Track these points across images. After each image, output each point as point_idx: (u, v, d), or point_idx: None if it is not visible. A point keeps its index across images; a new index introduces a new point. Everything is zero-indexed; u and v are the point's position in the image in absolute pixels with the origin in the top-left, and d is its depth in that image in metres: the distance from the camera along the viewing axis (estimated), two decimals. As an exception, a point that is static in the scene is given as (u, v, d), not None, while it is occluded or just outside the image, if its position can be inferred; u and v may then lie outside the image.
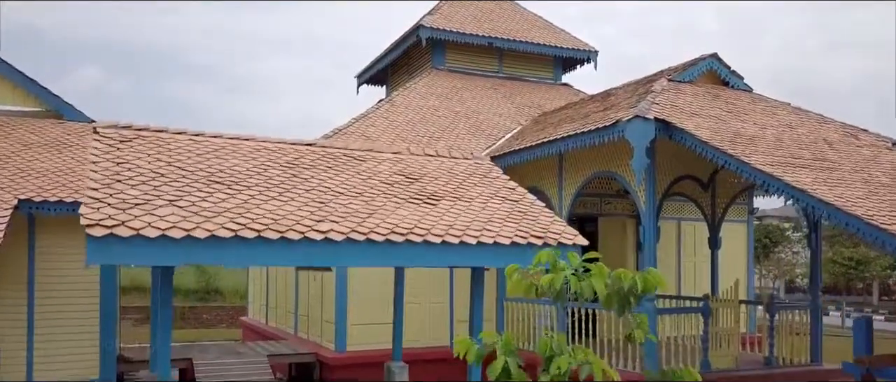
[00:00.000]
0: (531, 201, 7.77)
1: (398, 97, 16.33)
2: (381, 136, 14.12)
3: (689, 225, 16.68)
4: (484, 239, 6.50)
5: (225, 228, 5.63)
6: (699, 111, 10.75)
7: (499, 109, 17.06)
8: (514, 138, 14.74)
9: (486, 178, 8.37)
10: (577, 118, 12.57)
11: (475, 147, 14.66)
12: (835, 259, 48.82)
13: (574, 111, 13.86)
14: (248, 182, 6.65)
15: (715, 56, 12.32)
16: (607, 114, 11.17)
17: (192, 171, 6.63)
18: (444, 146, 14.37)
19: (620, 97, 12.54)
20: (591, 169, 11.90)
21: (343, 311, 12.92)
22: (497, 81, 18.85)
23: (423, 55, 19.15)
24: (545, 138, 12.06)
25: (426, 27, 17.77)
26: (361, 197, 6.91)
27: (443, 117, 15.84)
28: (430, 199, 7.22)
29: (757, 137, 10.21)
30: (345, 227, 6.08)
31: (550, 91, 19.21)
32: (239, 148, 7.60)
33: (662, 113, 10.20)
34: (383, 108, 15.58)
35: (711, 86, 12.22)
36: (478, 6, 19.86)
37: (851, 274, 49.11)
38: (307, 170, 7.36)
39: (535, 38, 19.01)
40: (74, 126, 12.06)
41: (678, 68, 12.46)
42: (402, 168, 8.09)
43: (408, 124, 15.07)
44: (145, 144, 7.13)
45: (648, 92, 11.16)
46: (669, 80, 11.91)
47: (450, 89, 17.49)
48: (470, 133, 15.37)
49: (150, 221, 5.48)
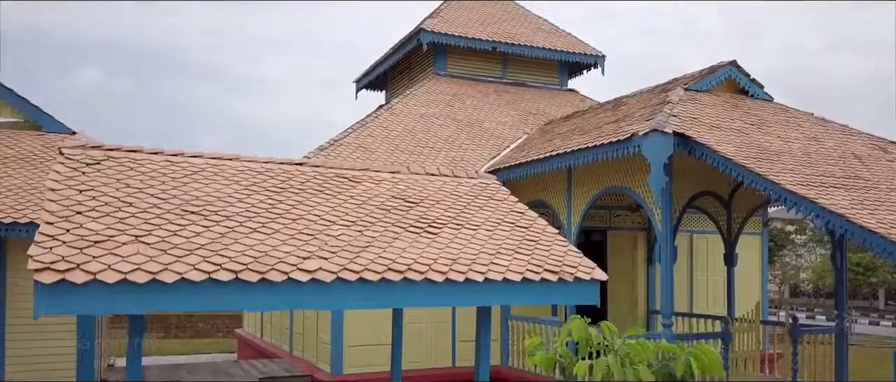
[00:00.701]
0: (543, 227, 7.06)
1: (398, 104, 15.62)
2: (379, 147, 13.41)
3: (701, 238, 15.97)
4: (492, 275, 5.80)
5: (197, 269, 4.93)
6: (720, 123, 10.04)
7: (502, 117, 16.34)
8: (519, 149, 14.03)
9: (492, 201, 7.67)
10: (587, 129, 11.85)
11: (478, 158, 13.94)
12: (841, 264, 48.06)
13: (583, 121, 13.14)
14: (227, 210, 5.95)
15: (733, 63, 11.61)
16: (621, 126, 10.46)
17: (165, 199, 5.93)
18: (446, 158, 13.67)
19: (633, 107, 11.82)
20: (603, 184, 11.19)
21: (339, 331, 12.20)
22: (500, 87, 18.14)
23: (423, 60, 18.44)
24: (553, 151, 11.34)
25: (427, 31, 17.05)
26: (355, 227, 6.21)
27: (444, 126, 15.13)
28: (431, 228, 6.52)
29: (783, 152, 9.50)
30: (335, 264, 5.38)
31: (556, 97, 18.50)
32: (221, 169, 6.89)
33: (681, 126, 9.49)
34: (382, 117, 14.87)
35: (730, 96, 11.51)
36: (481, 9, 19.15)
37: (858, 279, 48.36)
38: (295, 194, 6.66)
39: (540, 43, 18.29)
40: (54, 138, 11.36)
41: (695, 76, 11.75)
42: (400, 190, 7.38)
43: (407, 134, 14.36)
44: (116, 167, 6.44)
45: (664, 102, 10.45)
46: (686, 90, 11.20)
47: (451, 96, 16.78)
48: (473, 143, 14.66)
49: (111, 263, 4.77)
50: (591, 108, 14.63)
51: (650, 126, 9.29)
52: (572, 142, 11.26)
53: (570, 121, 14.27)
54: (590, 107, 14.98)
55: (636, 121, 10.22)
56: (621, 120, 11.06)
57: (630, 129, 9.80)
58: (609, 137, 10.05)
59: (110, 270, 4.73)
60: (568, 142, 11.63)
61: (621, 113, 11.84)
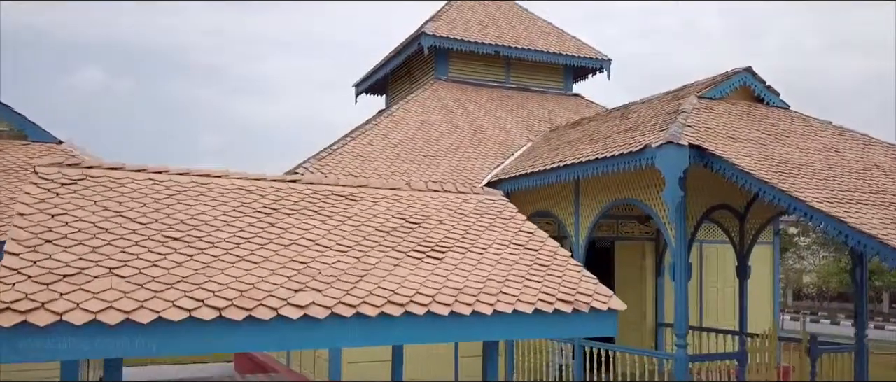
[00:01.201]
0: (554, 249, 6.59)
1: (398, 111, 15.14)
2: (379, 156, 12.93)
3: (711, 247, 15.50)
4: (501, 308, 5.33)
5: (176, 306, 4.45)
6: (737, 134, 9.55)
7: (506, 123, 15.86)
8: (524, 157, 13.54)
9: (499, 219, 7.20)
10: (596, 138, 11.37)
11: (482, 167, 13.46)
12: (846, 268, 47.64)
13: (591, 128, 12.66)
14: (213, 236, 5.47)
15: (749, 70, 11.13)
16: (632, 136, 9.97)
17: (145, 224, 5.45)
18: (448, 167, 13.19)
19: (644, 115, 11.34)
20: (612, 196, 10.71)
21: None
22: (504, 92, 17.65)
23: (424, 64, 17.97)
24: (561, 162, 10.86)
25: (428, 35, 16.57)
26: (352, 252, 5.74)
27: (446, 133, 14.65)
28: (434, 251, 6.05)
29: (804, 165, 9.01)
30: (329, 297, 4.90)
31: (561, 102, 18.02)
32: (208, 188, 6.42)
33: (697, 137, 9.01)
34: (382, 124, 14.39)
35: (746, 104, 11.02)
36: (483, 11, 18.68)
37: (864, 283, 47.83)
38: (288, 216, 6.19)
39: (544, 46, 17.81)
40: (39, 148, 10.88)
41: (708, 83, 11.26)
42: (401, 209, 6.91)
43: (408, 142, 13.87)
44: (94, 187, 5.96)
45: (678, 111, 9.96)
46: (699, 97, 10.71)
47: (453, 102, 16.30)
48: (476, 151, 14.17)
49: (80, 300, 4.30)
50: (598, 115, 14.15)
51: (664, 137, 8.80)
52: (581, 152, 10.77)
53: (577, 128, 13.78)
54: (597, 113, 14.49)
55: (649, 132, 9.73)
56: (632, 129, 10.58)
57: (642, 140, 9.31)
58: (620, 148, 9.56)
59: (79, 309, 4.25)
60: (576, 151, 11.15)
61: (631, 121, 11.36)
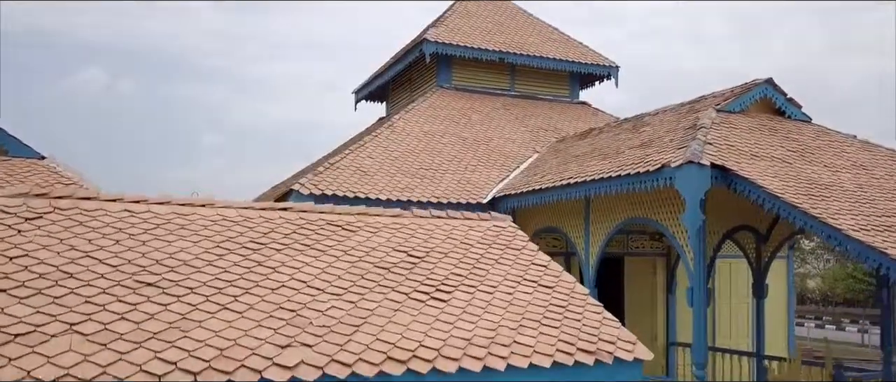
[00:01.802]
0: (570, 286, 6.01)
1: (399, 121, 14.55)
2: (379, 170, 12.34)
3: (723, 262, 14.85)
4: (516, 361, 4.74)
5: (145, 371, 3.87)
6: (760, 151, 8.96)
7: (511, 134, 15.27)
8: (530, 170, 12.96)
9: (509, 250, 6.62)
10: (607, 153, 10.78)
11: (486, 180, 12.87)
12: (854, 274, 47.03)
13: (601, 141, 12.07)
14: (192, 279, 4.89)
15: (770, 82, 10.54)
16: (648, 153, 9.38)
17: (116, 265, 4.88)
18: (452, 180, 12.60)
19: (658, 128, 10.76)
20: (626, 214, 10.13)
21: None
22: (508, 100, 17.07)
23: (426, 71, 17.38)
24: (570, 179, 10.27)
25: (431, 41, 15.98)
26: (348, 295, 5.16)
27: (449, 145, 14.06)
28: (440, 291, 5.47)
29: (833, 185, 8.42)
30: (320, 355, 4.32)
31: (567, 110, 17.43)
32: (190, 220, 5.83)
33: (719, 155, 8.42)
34: (382, 135, 13.80)
35: (767, 117, 10.43)
36: (487, 17, 18.09)
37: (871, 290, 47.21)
38: (278, 252, 5.60)
39: (550, 53, 17.22)
40: (18, 164, 10.28)
41: (726, 95, 10.67)
42: (402, 240, 6.32)
43: (410, 154, 13.28)
44: (62, 222, 5.38)
45: (696, 127, 9.37)
46: (718, 111, 10.12)
47: (456, 111, 15.71)
48: (480, 163, 13.58)
49: (32, 367, 3.72)
50: (608, 126, 13.56)
51: (685, 156, 8.21)
52: (592, 169, 10.19)
53: (586, 139, 13.20)
54: (607, 124, 13.90)
55: (666, 149, 9.14)
56: (647, 144, 9.99)
57: (660, 159, 8.72)
58: (635, 167, 8.97)
59: (29, 379, 3.66)
60: (587, 167, 10.56)
61: (645, 135, 10.77)
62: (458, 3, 18.37)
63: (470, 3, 18.45)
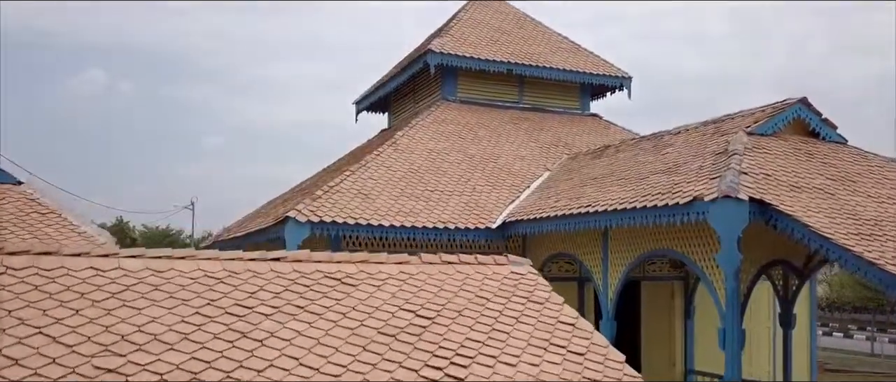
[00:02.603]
0: (604, 352, 5.24)
1: (403, 138, 13.78)
2: (382, 193, 11.57)
3: (745, 285, 14.12)
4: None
5: None
6: (799, 181, 8.19)
7: (520, 150, 14.50)
8: (542, 192, 12.18)
9: (530, 304, 5.86)
10: (628, 177, 10.01)
11: (495, 203, 12.09)
12: (863, 282, 46.17)
13: (619, 162, 11.30)
14: (162, 362, 4.13)
15: (803, 102, 9.76)
16: (675, 182, 8.60)
17: (72, 346, 4.12)
18: (459, 203, 11.83)
19: (683, 150, 10.00)
20: (649, 246, 9.36)
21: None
22: (516, 114, 16.30)
23: (431, 83, 16.61)
24: (589, 206, 9.50)
25: (435, 52, 15.21)
26: (348, 374, 4.40)
27: (455, 164, 13.28)
28: (454, 365, 4.71)
29: (881, 220, 7.64)
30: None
31: (578, 123, 16.66)
32: (166, 279, 5.07)
33: (756, 187, 7.65)
34: (385, 153, 13.03)
35: (800, 140, 9.66)
36: (494, 26, 17.32)
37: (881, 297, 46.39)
38: (266, 318, 4.85)
39: (560, 64, 16.45)
40: (-7, 192, 9.53)
41: (756, 115, 9.90)
42: (410, 295, 5.57)
43: (414, 174, 12.51)
44: (14, 285, 4.63)
45: (727, 153, 8.59)
46: (749, 133, 9.35)
47: (463, 126, 14.94)
48: (488, 183, 12.81)
49: None
50: (624, 143, 12.79)
51: (719, 189, 7.44)
52: (611, 197, 9.41)
53: (602, 158, 12.43)
54: (623, 141, 13.12)
55: (696, 177, 8.36)
56: (673, 170, 9.21)
57: (690, 190, 7.95)
58: (663, 197, 8.20)
59: None
60: (605, 193, 9.79)
61: (669, 158, 10.00)
62: (463, 11, 17.60)
63: (476, 11, 17.69)
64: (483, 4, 18.14)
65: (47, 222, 8.99)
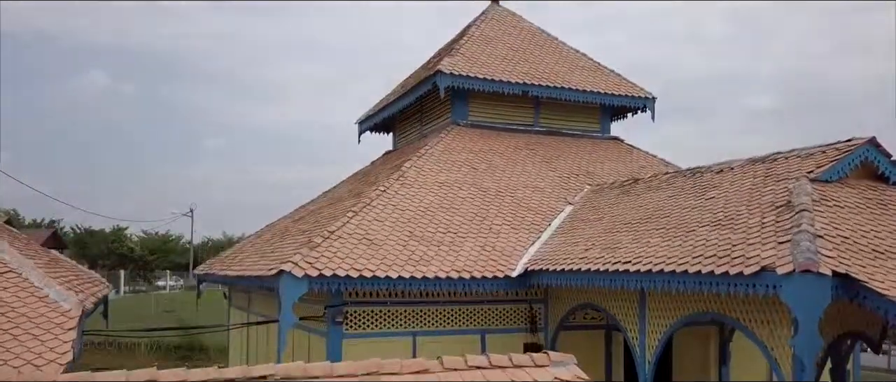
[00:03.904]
0: None
1: (411, 170, 12.57)
2: (388, 238, 10.36)
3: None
4: None
5: None
6: (881, 244, 6.97)
7: (538, 180, 13.28)
8: (568, 234, 10.97)
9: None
10: (670, 228, 8.80)
11: (514, 246, 10.87)
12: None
13: (654, 202, 10.09)
14: None
15: (872, 142, 8.56)
16: (732, 242, 7.37)
17: None
18: (473, 248, 10.62)
19: (731, 195, 8.79)
20: (697, 308, 8.15)
21: None
22: (531, 138, 15.10)
23: (440, 105, 15.41)
24: (627, 264, 8.30)
25: (445, 73, 14.02)
26: None
27: (469, 199, 12.07)
28: None
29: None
30: None
31: (598, 148, 15.46)
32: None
33: (837, 256, 6.44)
34: (392, 188, 11.82)
35: (868, 185, 8.45)
36: (507, 43, 16.13)
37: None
38: None
39: (579, 84, 15.25)
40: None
41: (818, 159, 8.70)
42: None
43: (424, 213, 11.30)
44: None
45: (794, 208, 7.37)
46: (812, 180, 8.14)
47: (475, 154, 13.73)
48: (505, 221, 11.59)
49: None
50: (656, 178, 11.59)
51: (796, 260, 6.23)
52: (653, 252, 8.20)
53: (631, 196, 11.23)
54: (654, 175, 11.91)
55: (758, 238, 7.15)
56: (724, 223, 8.00)
57: (755, 256, 6.74)
58: (720, 263, 6.99)
59: None
60: (644, 246, 8.57)
61: (716, 205, 8.79)
62: (474, 27, 16.40)
63: (487, 26, 16.49)
64: (495, 18, 16.96)
65: (3, 284, 7.80)
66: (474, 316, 10.68)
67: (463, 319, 10.61)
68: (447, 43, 17.44)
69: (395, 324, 10.22)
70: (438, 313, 10.50)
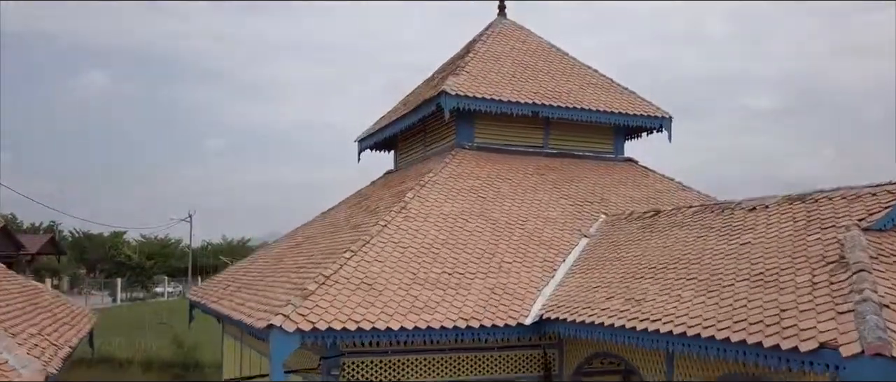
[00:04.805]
0: None
1: (413, 201, 11.70)
2: (390, 281, 9.49)
3: None
4: None
5: None
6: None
7: (550, 209, 12.41)
8: (584, 274, 10.10)
9: None
10: (701, 279, 7.92)
11: (527, 288, 10.00)
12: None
13: (680, 244, 9.22)
14: None
15: (929, 184, 7.69)
16: (779, 305, 6.49)
17: None
18: (482, 289, 9.75)
19: (771, 245, 7.93)
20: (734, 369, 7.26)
21: None
22: (541, 161, 14.23)
23: (444, 127, 14.55)
24: (656, 322, 7.43)
25: (450, 95, 13.17)
26: None
27: (476, 232, 11.20)
28: None
29: None
30: None
31: (612, 171, 14.60)
32: None
33: (906, 333, 5.56)
34: (393, 223, 10.96)
35: (925, 234, 7.57)
36: (514, 59, 15.29)
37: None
38: None
39: (592, 104, 14.40)
40: None
41: (867, 203, 7.83)
42: None
43: (428, 250, 10.43)
44: None
45: (849, 267, 6.50)
46: (864, 229, 7.28)
47: (482, 180, 12.87)
48: (516, 257, 10.71)
49: None
50: (679, 212, 10.73)
51: (864, 340, 5.36)
52: (684, 311, 7.33)
53: (653, 230, 10.37)
54: (677, 208, 11.04)
55: (809, 302, 6.28)
56: (766, 280, 7.12)
57: (812, 330, 5.86)
58: (768, 333, 6.11)
59: None
60: (673, 300, 7.70)
61: (752, 253, 7.92)
62: (480, 43, 15.53)
63: (494, 42, 15.63)
64: (501, 33, 16.10)
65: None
66: (483, 363, 9.82)
67: (471, 367, 9.76)
68: (451, 58, 16.58)
69: (397, 374, 9.37)
70: (444, 361, 9.65)
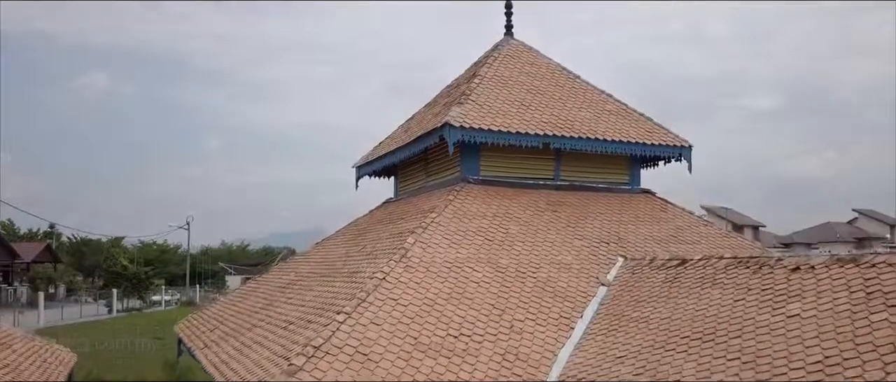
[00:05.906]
0: None
1: (415, 246, 10.67)
2: (388, 349, 8.46)
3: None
4: None
5: None
6: None
7: (564, 253, 11.39)
8: (608, 339, 9.08)
9: None
10: (747, 359, 6.90)
11: (542, 352, 8.98)
12: None
13: (715, 305, 8.21)
14: None
15: None
16: None
17: None
18: (493, 354, 8.73)
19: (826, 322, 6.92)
20: None
21: None
22: (552, 196, 13.21)
23: (448, 159, 13.53)
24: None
25: (455, 127, 12.14)
26: None
27: (484, 283, 10.17)
28: None
29: None
30: None
31: (629, 205, 13.58)
32: None
33: None
34: (393, 273, 9.93)
35: None
36: (523, 84, 14.26)
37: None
38: None
39: (607, 134, 13.38)
40: None
41: None
42: None
43: (432, 308, 9.41)
44: None
45: None
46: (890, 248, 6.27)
47: (490, 220, 11.84)
48: (530, 316, 9.68)
49: None
50: (709, 261, 9.70)
51: None
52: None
53: (680, 284, 9.36)
54: (706, 258, 10.00)
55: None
56: (829, 372, 6.10)
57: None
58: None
59: None
60: None
61: (803, 327, 6.91)
62: (486, 67, 14.50)
63: (501, 65, 14.61)
64: (509, 55, 15.08)
65: None
66: (493, 438, 8.78)
67: (479, 443, 8.72)
68: (455, 80, 15.58)
69: (396, 454, 8.33)
70: (449, 438, 8.61)
